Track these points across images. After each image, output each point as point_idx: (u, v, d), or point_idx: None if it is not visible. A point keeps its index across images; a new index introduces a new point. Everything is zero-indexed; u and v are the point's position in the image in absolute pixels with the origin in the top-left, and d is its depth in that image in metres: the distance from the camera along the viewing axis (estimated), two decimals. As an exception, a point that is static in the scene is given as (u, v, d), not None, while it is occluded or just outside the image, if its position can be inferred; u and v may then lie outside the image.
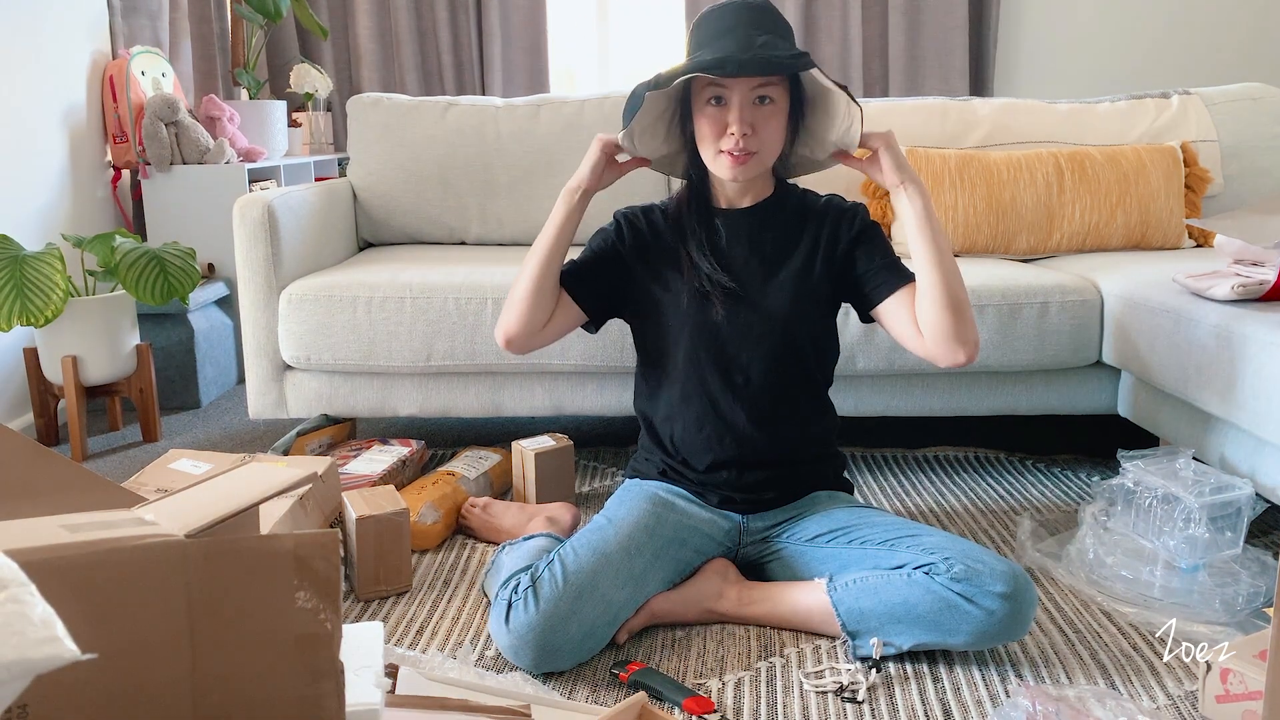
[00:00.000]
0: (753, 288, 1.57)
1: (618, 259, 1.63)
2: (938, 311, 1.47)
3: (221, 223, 2.95)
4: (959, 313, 1.47)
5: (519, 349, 1.60)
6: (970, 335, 1.48)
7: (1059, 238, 2.45)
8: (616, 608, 1.41)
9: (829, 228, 1.59)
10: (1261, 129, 2.65)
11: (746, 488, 1.60)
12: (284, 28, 3.78)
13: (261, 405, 2.20)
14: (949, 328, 1.47)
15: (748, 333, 1.57)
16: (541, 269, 1.56)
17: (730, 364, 1.57)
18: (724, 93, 1.47)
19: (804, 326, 1.59)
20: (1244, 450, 1.70)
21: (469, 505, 1.90)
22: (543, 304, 1.57)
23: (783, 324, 1.57)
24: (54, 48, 2.71)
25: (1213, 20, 3.77)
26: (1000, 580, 1.35)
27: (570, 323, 1.63)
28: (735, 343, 1.57)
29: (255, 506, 0.96)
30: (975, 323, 1.51)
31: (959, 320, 1.47)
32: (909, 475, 2.23)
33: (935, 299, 1.47)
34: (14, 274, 2.20)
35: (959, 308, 1.47)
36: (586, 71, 3.99)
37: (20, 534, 0.77)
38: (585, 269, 1.63)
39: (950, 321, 1.47)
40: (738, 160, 1.48)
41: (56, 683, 0.73)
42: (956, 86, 3.71)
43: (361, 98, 2.67)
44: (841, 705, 1.32)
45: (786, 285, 1.57)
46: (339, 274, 2.16)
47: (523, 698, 1.29)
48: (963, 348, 1.48)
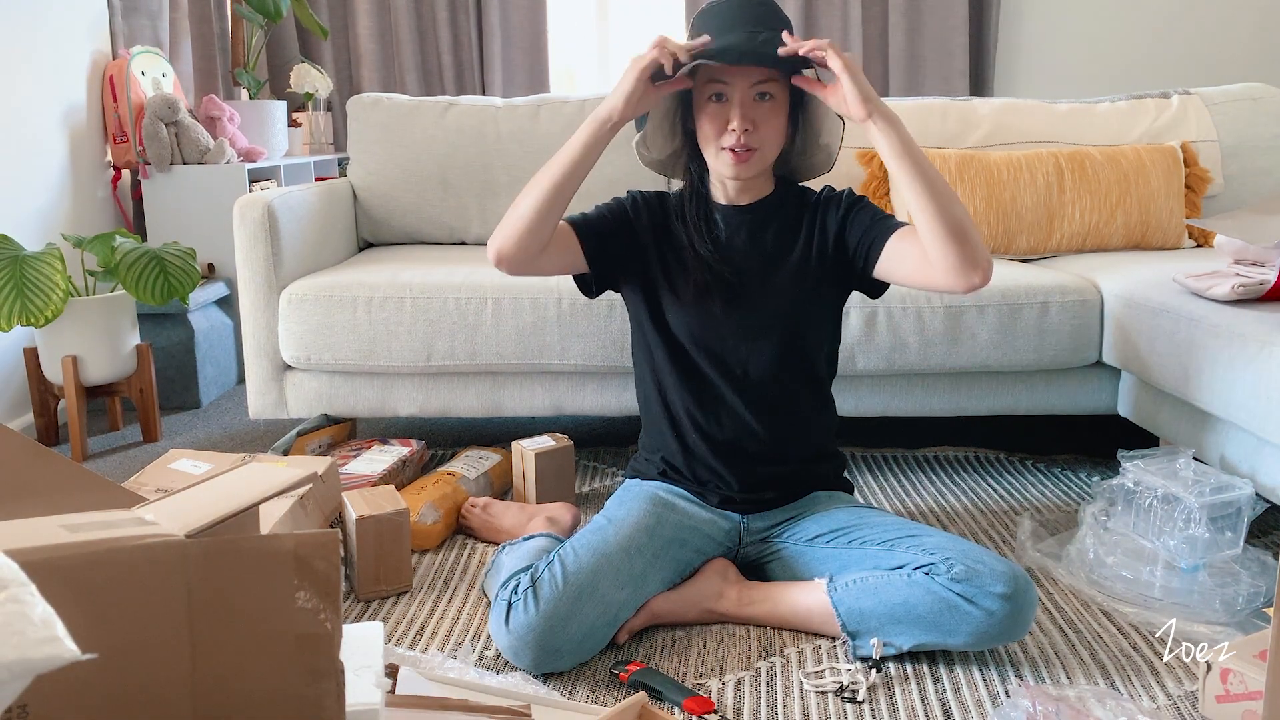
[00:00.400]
0: (753, 283, 1.57)
1: (631, 229, 1.61)
2: (940, 241, 1.39)
3: (221, 223, 2.95)
4: (963, 237, 1.39)
5: (511, 269, 1.51)
6: (981, 257, 1.39)
7: (1059, 238, 2.45)
8: (616, 608, 1.41)
9: (820, 217, 1.59)
10: (1261, 129, 2.65)
11: (746, 486, 1.60)
12: (284, 28, 3.78)
13: (261, 405, 2.20)
14: (956, 255, 1.39)
15: (748, 328, 1.57)
16: (551, 192, 1.47)
17: (730, 357, 1.58)
18: (725, 89, 1.47)
19: (805, 322, 1.59)
20: (1244, 450, 1.70)
21: (469, 505, 1.90)
22: (542, 230, 1.49)
23: (783, 320, 1.57)
24: (54, 48, 2.71)
25: (1213, 20, 3.77)
26: (1000, 581, 1.35)
27: (567, 263, 1.57)
28: (735, 337, 1.57)
29: (255, 506, 0.96)
30: (981, 243, 1.41)
31: (964, 244, 1.39)
32: (909, 475, 2.23)
33: (934, 229, 1.39)
34: (14, 274, 2.20)
35: (961, 232, 1.38)
36: (586, 71, 3.99)
37: (20, 534, 0.77)
38: (598, 221, 1.60)
39: (956, 248, 1.38)
40: (739, 157, 1.48)
41: (56, 683, 0.73)
42: (956, 86, 3.71)
43: (361, 98, 2.67)
44: (841, 705, 1.32)
45: (787, 281, 1.57)
46: (339, 274, 2.16)
47: (523, 698, 1.29)
48: (976, 271, 1.39)
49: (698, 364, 1.59)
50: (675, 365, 1.60)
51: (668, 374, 1.61)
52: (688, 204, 1.60)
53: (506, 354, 2.09)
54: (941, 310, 2.07)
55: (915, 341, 2.07)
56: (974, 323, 2.07)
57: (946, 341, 2.07)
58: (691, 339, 1.58)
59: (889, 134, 1.40)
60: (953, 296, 2.06)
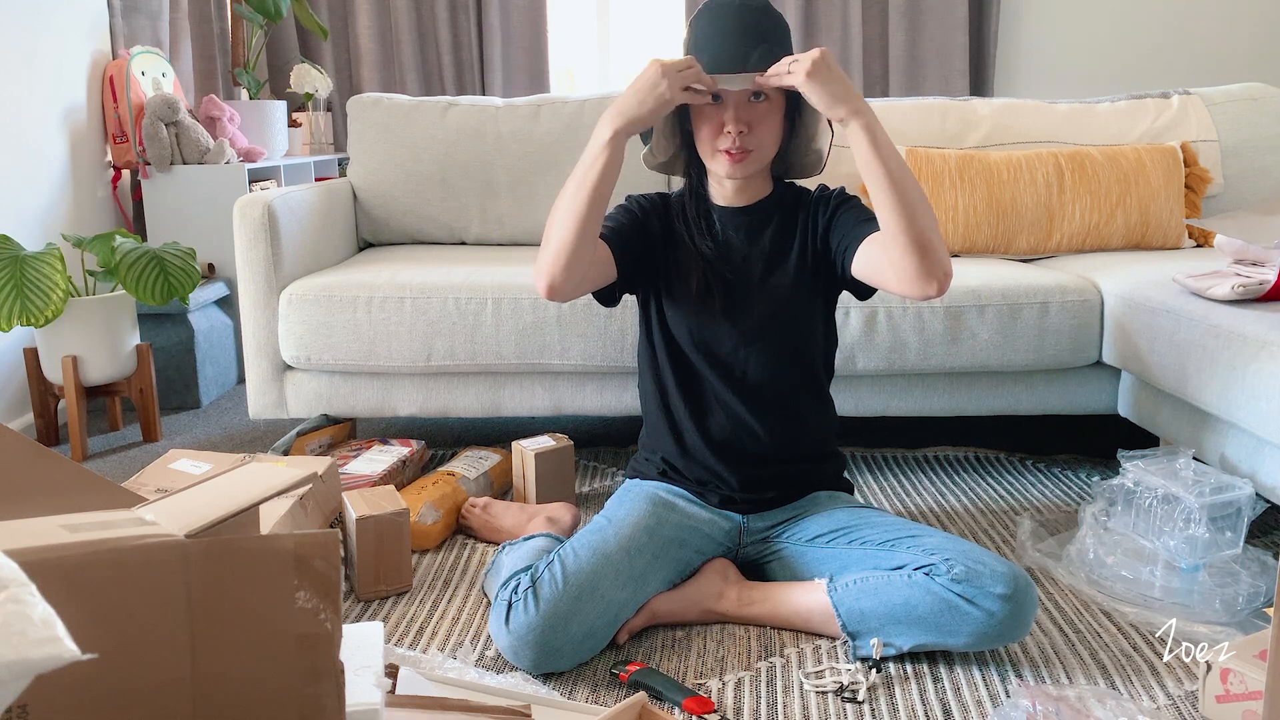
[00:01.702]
0: (751, 284, 1.58)
1: (646, 233, 1.61)
2: (900, 250, 1.38)
3: (221, 223, 2.95)
4: (924, 248, 1.37)
5: (562, 297, 1.48)
6: (937, 270, 1.38)
7: (1059, 238, 2.45)
8: (616, 608, 1.41)
9: (812, 217, 1.59)
10: (1261, 129, 2.65)
11: (746, 487, 1.60)
12: (284, 28, 3.77)
13: (261, 405, 2.20)
14: (915, 265, 1.37)
15: (746, 329, 1.57)
16: (589, 212, 1.43)
17: (730, 358, 1.58)
18: (721, 92, 1.47)
19: (803, 322, 1.59)
20: (1244, 450, 1.70)
21: (469, 505, 1.90)
22: (588, 250, 1.45)
23: (781, 321, 1.57)
24: (54, 48, 2.71)
25: (1213, 20, 3.77)
26: (1001, 581, 1.35)
27: (604, 276, 1.54)
28: (734, 338, 1.57)
29: (255, 506, 0.96)
30: (944, 254, 1.39)
31: (925, 256, 1.37)
32: (909, 475, 2.22)
33: (896, 238, 1.37)
34: (14, 274, 2.20)
35: (924, 243, 1.36)
36: (586, 71, 3.99)
37: (20, 534, 0.77)
38: (622, 230, 1.58)
39: (916, 259, 1.37)
40: (735, 158, 1.49)
41: (56, 683, 0.72)
42: (956, 86, 3.71)
43: (361, 98, 2.67)
44: (841, 705, 1.32)
45: (784, 282, 1.58)
46: (339, 274, 2.16)
47: (523, 698, 1.29)
48: (931, 283, 1.38)
49: (697, 365, 1.60)
50: (675, 366, 1.61)
51: (668, 374, 1.62)
52: (688, 203, 1.61)
53: (506, 354, 2.09)
54: (942, 310, 2.07)
55: (915, 341, 2.07)
56: (974, 323, 2.07)
57: (946, 341, 2.07)
58: (691, 339, 1.59)
59: (860, 137, 1.38)
60: (953, 297, 2.07)
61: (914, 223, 1.37)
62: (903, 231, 1.37)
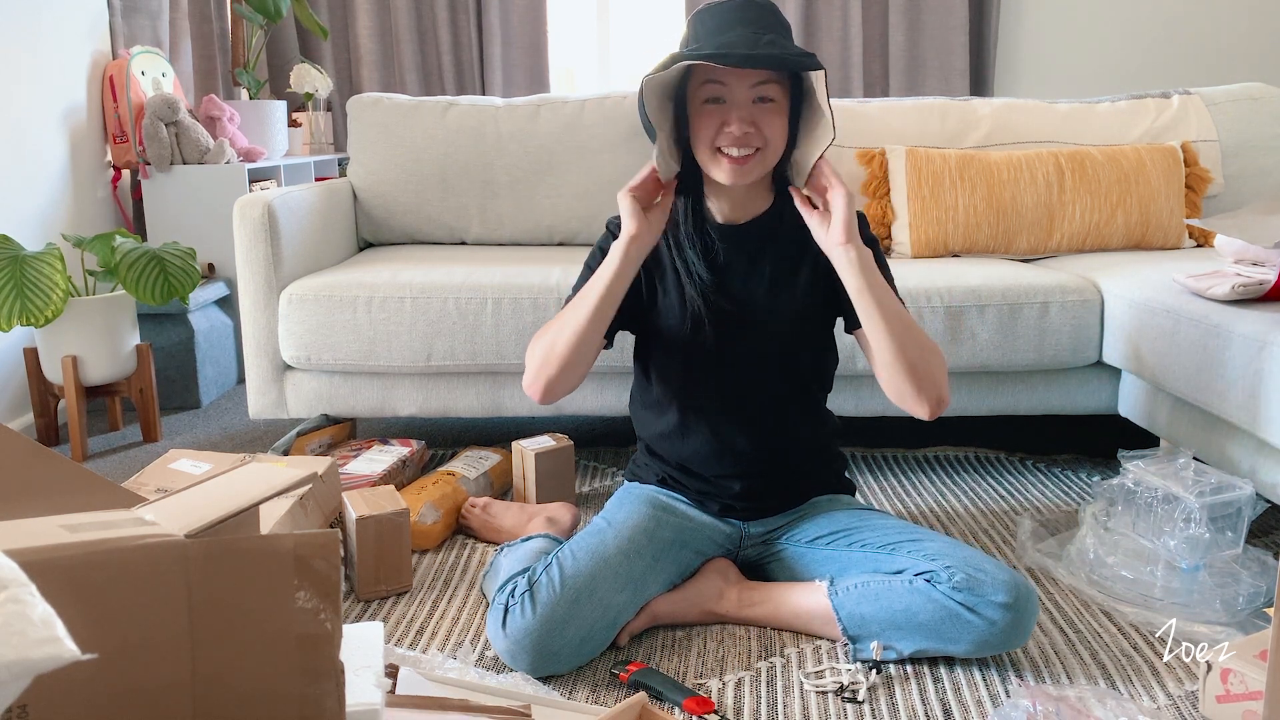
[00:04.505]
0: (754, 309, 1.53)
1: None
2: (889, 374, 1.43)
3: (221, 223, 2.95)
4: (915, 375, 1.41)
5: (554, 401, 1.50)
6: (930, 393, 1.43)
7: (1059, 238, 2.45)
8: (615, 611, 1.41)
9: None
10: (1261, 129, 2.65)
11: (747, 496, 1.59)
12: (284, 28, 3.78)
13: (261, 405, 2.20)
14: (904, 390, 1.43)
15: (748, 355, 1.53)
16: (591, 326, 1.44)
17: (729, 386, 1.54)
18: (723, 92, 1.40)
19: (806, 346, 1.56)
20: (1244, 450, 1.70)
21: (469, 505, 1.90)
22: (587, 358, 1.47)
23: (784, 345, 1.54)
24: (54, 48, 2.71)
25: (1213, 20, 3.77)
26: (1002, 590, 1.34)
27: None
28: (735, 365, 1.54)
29: (255, 506, 0.96)
30: (939, 375, 1.43)
31: (916, 381, 1.42)
32: (909, 476, 2.22)
33: (887, 365, 1.43)
34: (14, 274, 2.20)
35: (914, 371, 1.41)
36: (586, 71, 3.99)
37: (20, 534, 0.77)
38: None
39: (905, 384, 1.42)
40: (738, 162, 1.41)
41: (56, 683, 0.72)
42: (956, 86, 3.71)
43: (361, 98, 2.67)
44: (841, 705, 1.32)
45: (788, 305, 1.53)
46: (339, 274, 2.16)
47: (523, 698, 1.29)
48: (922, 405, 1.43)
49: (697, 389, 1.56)
50: (669, 388, 1.57)
51: (666, 396, 1.58)
52: (683, 224, 1.53)
53: (506, 354, 2.09)
54: (942, 310, 2.07)
55: (915, 341, 2.07)
56: (974, 323, 2.07)
57: (946, 341, 2.07)
58: (690, 367, 1.55)
59: (855, 271, 1.40)
60: (953, 296, 2.07)
61: (905, 351, 1.41)
62: (895, 359, 1.42)
